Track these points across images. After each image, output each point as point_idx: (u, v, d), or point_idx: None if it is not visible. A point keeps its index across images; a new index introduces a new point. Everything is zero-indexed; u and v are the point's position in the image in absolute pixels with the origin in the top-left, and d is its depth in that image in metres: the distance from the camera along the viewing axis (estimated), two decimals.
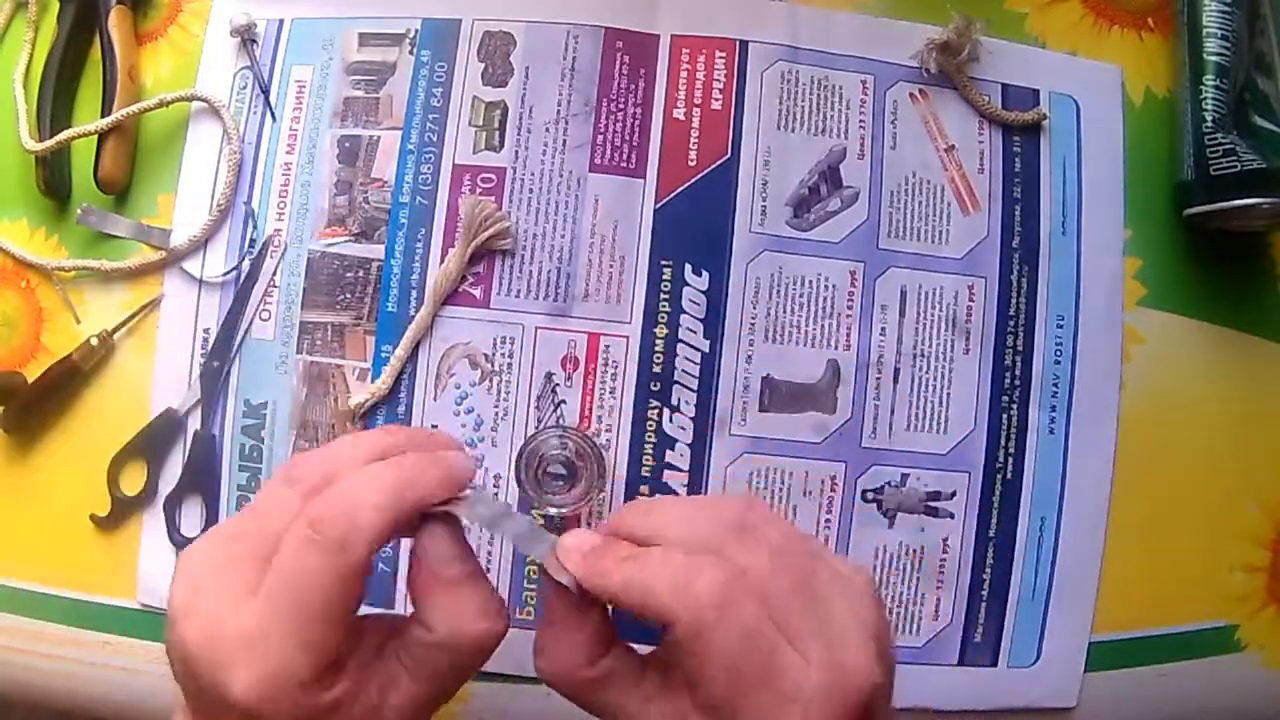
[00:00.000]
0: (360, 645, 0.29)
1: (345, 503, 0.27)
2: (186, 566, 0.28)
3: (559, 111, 0.44)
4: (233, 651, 0.26)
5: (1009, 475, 0.43)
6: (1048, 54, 0.46)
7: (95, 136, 0.44)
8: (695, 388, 0.43)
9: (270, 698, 0.25)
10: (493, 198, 0.43)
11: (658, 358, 0.43)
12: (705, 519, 0.29)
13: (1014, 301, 0.44)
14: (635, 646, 0.31)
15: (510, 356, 0.43)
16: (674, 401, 0.43)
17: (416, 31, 0.45)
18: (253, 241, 0.44)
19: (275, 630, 0.26)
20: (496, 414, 0.43)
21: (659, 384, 0.43)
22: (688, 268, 0.43)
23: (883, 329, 0.43)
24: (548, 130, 0.44)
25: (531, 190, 0.44)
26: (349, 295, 0.44)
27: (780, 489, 0.43)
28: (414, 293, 0.43)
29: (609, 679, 0.29)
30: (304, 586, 0.26)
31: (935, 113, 0.45)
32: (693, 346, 0.43)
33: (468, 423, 0.43)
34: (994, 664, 0.43)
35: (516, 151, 0.44)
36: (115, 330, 0.44)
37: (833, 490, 0.43)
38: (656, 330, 0.43)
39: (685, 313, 0.43)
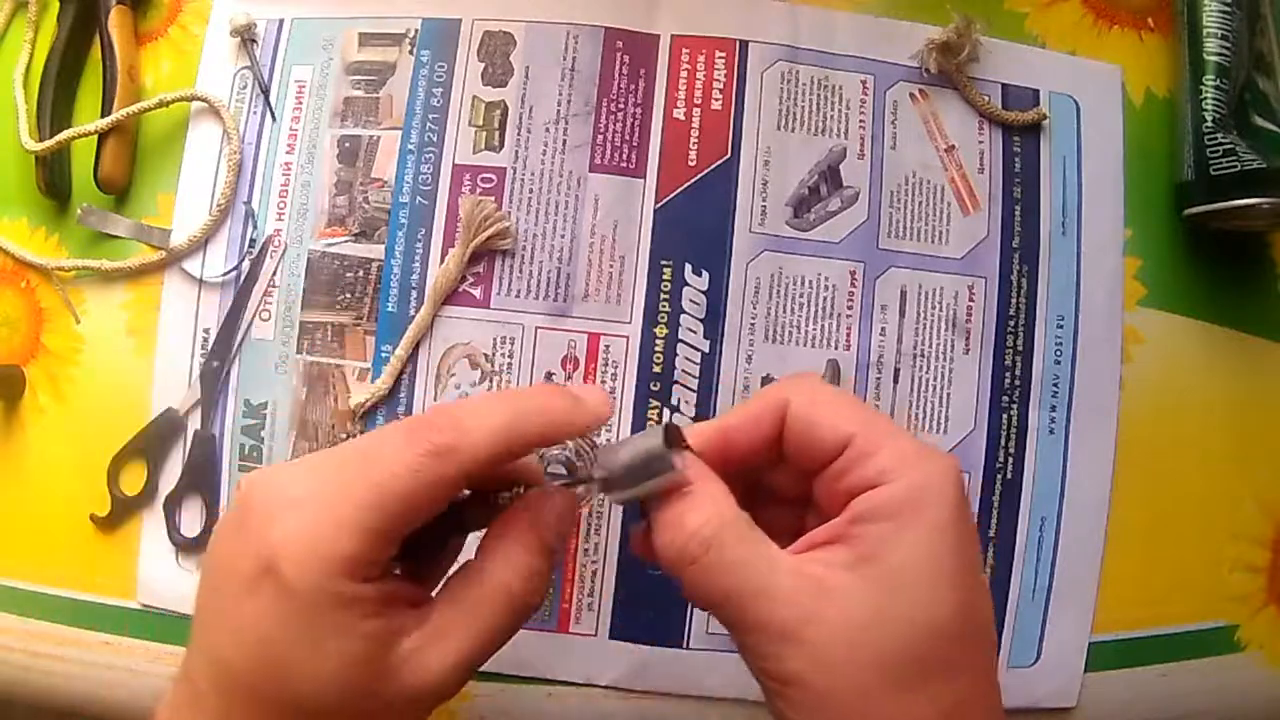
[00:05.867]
0: (406, 591, 0.28)
1: (457, 414, 0.26)
2: (257, 476, 0.28)
3: (559, 111, 0.44)
4: (279, 513, 0.25)
5: (1009, 475, 0.43)
6: (1048, 54, 0.46)
7: (95, 136, 0.44)
8: (695, 387, 0.43)
9: (301, 560, 0.24)
10: (493, 198, 0.43)
11: (658, 357, 0.43)
12: None
13: (1014, 301, 0.44)
14: None
15: (510, 356, 0.43)
16: (674, 401, 0.43)
17: (416, 31, 0.45)
18: (253, 241, 0.44)
19: (341, 499, 0.25)
20: None
21: (659, 384, 0.43)
22: (688, 268, 0.43)
23: (883, 329, 0.43)
24: (548, 130, 0.44)
25: (531, 190, 0.44)
26: (349, 295, 0.44)
27: None
28: (414, 293, 0.43)
29: (756, 528, 0.27)
30: (388, 473, 0.25)
31: (935, 113, 0.45)
32: (693, 346, 0.43)
33: None
34: None
35: (516, 151, 0.44)
36: None
37: None
38: (656, 330, 0.43)
39: (685, 313, 0.43)
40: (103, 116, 0.44)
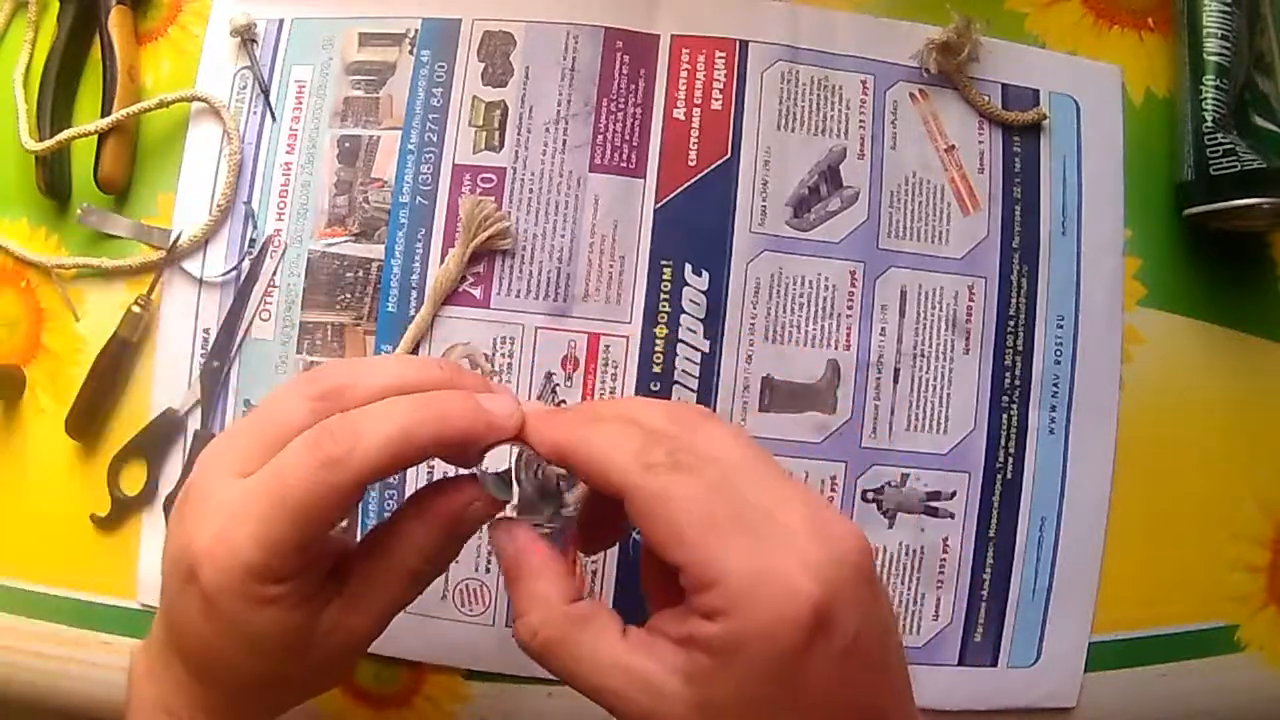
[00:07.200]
0: (329, 563, 0.30)
1: (355, 424, 0.27)
2: (205, 450, 0.30)
3: (559, 111, 0.44)
4: (205, 516, 0.27)
5: (1009, 475, 0.43)
6: (1048, 54, 0.46)
7: (95, 136, 0.44)
8: (695, 388, 0.43)
9: (217, 568, 0.26)
10: (493, 198, 0.43)
11: (658, 358, 0.43)
12: (665, 408, 0.29)
13: (1014, 301, 0.44)
14: None
15: (510, 356, 0.43)
16: (674, 401, 0.43)
17: (416, 31, 0.45)
18: (253, 241, 0.44)
19: (246, 512, 0.27)
20: None
21: (659, 384, 0.43)
22: (688, 268, 0.43)
23: (883, 329, 0.43)
24: (548, 130, 0.44)
25: (531, 190, 0.44)
26: (349, 295, 0.44)
27: None
28: (414, 293, 0.43)
29: (593, 619, 0.27)
30: (287, 486, 0.26)
31: (935, 113, 0.45)
32: (693, 346, 0.43)
33: None
34: (994, 664, 0.43)
35: (516, 151, 0.44)
36: (150, 290, 0.44)
37: (833, 490, 0.43)
38: (656, 330, 0.43)
39: (685, 313, 0.43)
40: (103, 116, 0.44)
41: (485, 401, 0.28)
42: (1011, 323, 0.44)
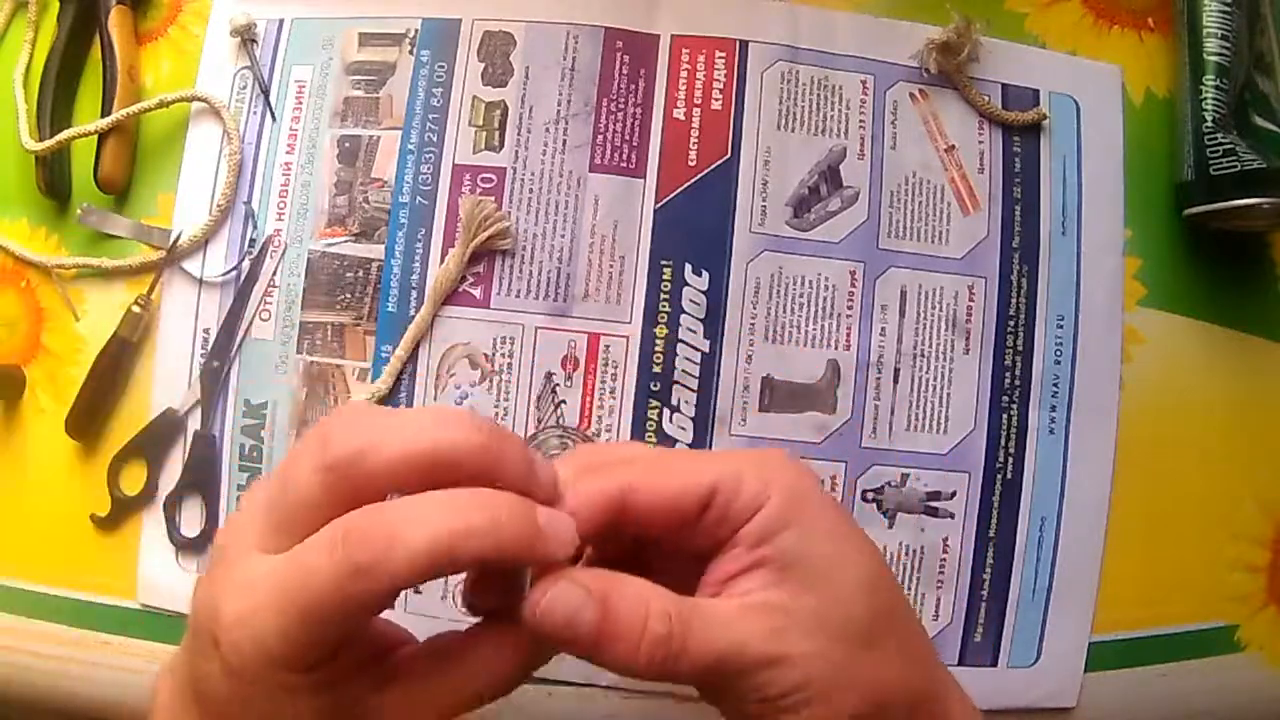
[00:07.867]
0: (362, 645, 0.28)
1: (389, 527, 0.24)
2: (235, 511, 0.28)
3: (559, 111, 0.44)
4: (229, 588, 0.25)
5: (1009, 475, 0.43)
6: (1048, 54, 0.46)
7: (95, 136, 0.44)
8: (695, 388, 0.43)
9: (239, 650, 0.24)
10: (493, 198, 0.43)
11: (658, 358, 0.43)
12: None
13: (1014, 301, 0.44)
14: None
15: (510, 356, 0.43)
16: (674, 401, 0.43)
17: (416, 31, 0.45)
18: (253, 241, 0.44)
19: (268, 601, 0.24)
20: (496, 414, 0.43)
21: (659, 384, 0.43)
22: (688, 268, 0.43)
23: (883, 329, 0.43)
24: (548, 130, 0.44)
25: (531, 190, 0.44)
26: (349, 295, 0.44)
27: None
28: (414, 293, 0.43)
29: (684, 599, 0.27)
30: (309, 588, 0.24)
31: (935, 113, 0.45)
32: (693, 346, 0.43)
33: None
34: (994, 664, 0.43)
35: (516, 151, 0.44)
36: (150, 290, 0.44)
37: (833, 490, 0.43)
38: (656, 330, 0.43)
39: (685, 313, 0.43)
40: (103, 116, 0.44)
41: (543, 521, 0.25)
42: (1011, 323, 0.44)
